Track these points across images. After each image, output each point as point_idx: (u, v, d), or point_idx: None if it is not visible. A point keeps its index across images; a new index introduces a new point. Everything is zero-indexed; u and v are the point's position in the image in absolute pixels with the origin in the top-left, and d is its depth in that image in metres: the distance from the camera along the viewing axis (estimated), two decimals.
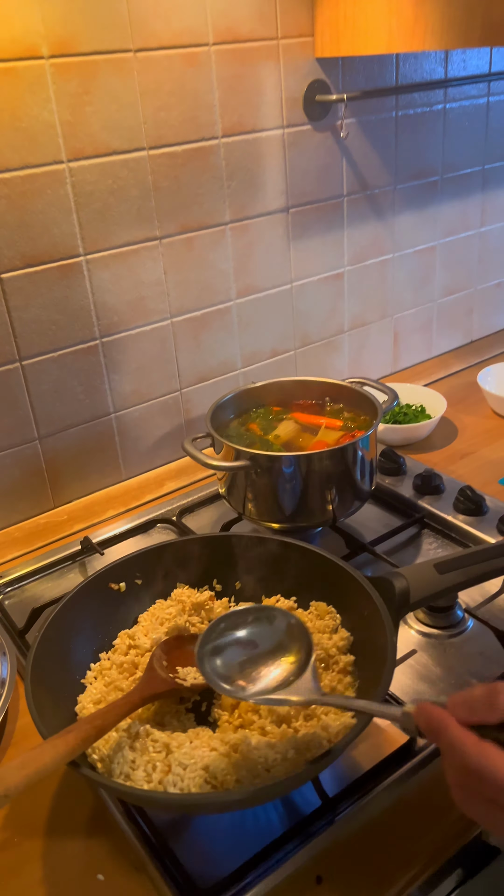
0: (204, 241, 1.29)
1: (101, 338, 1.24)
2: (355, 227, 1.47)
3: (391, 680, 0.74)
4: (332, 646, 0.86)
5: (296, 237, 1.40)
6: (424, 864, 0.73)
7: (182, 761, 0.72)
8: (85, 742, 0.68)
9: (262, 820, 0.77)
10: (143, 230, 1.22)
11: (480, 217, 1.67)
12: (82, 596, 0.90)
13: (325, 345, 1.53)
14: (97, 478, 1.33)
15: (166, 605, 0.94)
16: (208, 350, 1.37)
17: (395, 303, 1.61)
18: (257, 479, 1.09)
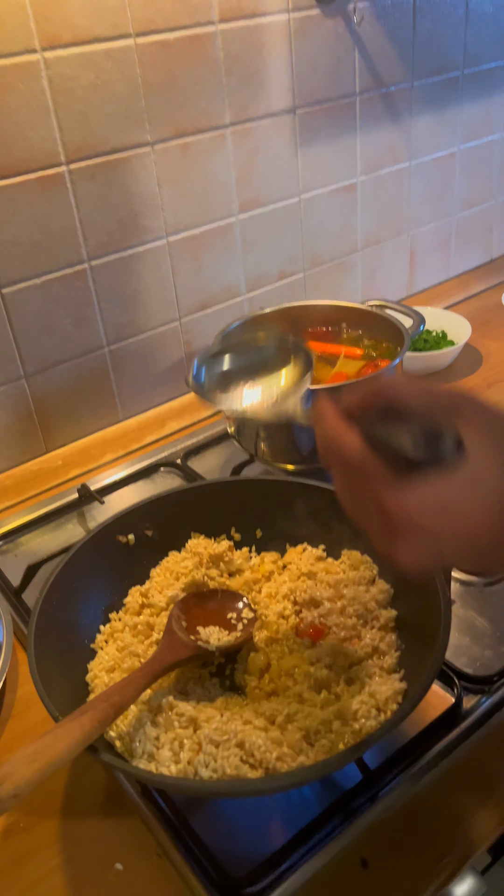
0: (201, 147, 1.14)
1: (89, 261, 1.10)
2: (369, 131, 1.32)
3: (448, 640, 0.65)
4: (370, 599, 0.77)
5: (304, 143, 1.25)
6: (480, 841, 0.65)
7: (213, 738, 0.63)
8: (102, 724, 0.59)
9: (296, 796, 0.69)
10: (132, 134, 1.07)
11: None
12: (87, 551, 0.80)
13: (336, 266, 1.40)
14: (92, 419, 1.21)
15: (181, 558, 0.84)
16: (209, 273, 1.24)
17: (411, 218, 1.47)
18: None
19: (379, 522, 0.49)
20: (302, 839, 0.64)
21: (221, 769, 0.61)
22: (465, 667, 0.78)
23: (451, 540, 0.47)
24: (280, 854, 0.63)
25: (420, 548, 0.48)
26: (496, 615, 0.85)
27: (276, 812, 0.67)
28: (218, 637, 0.75)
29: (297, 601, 0.78)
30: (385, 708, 0.66)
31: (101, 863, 0.66)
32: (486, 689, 0.76)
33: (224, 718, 0.65)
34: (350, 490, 0.52)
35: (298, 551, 0.85)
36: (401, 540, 0.47)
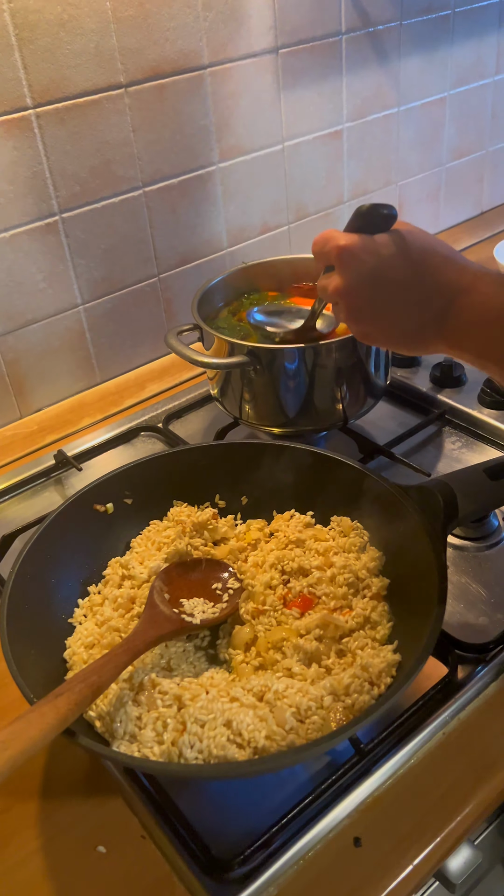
0: (178, 89, 1.07)
1: (60, 213, 1.04)
2: (355, 73, 1.25)
3: (444, 609, 0.62)
4: (361, 567, 0.74)
5: (287, 86, 1.18)
6: (477, 815, 0.63)
7: (199, 717, 0.60)
8: (79, 706, 0.55)
9: (286, 773, 0.66)
10: (104, 75, 1.00)
11: (496, 62, 1.45)
12: (63, 520, 0.76)
13: (322, 217, 1.34)
14: (68, 381, 1.16)
15: (163, 527, 0.81)
16: (189, 226, 1.18)
17: (399, 167, 1.40)
18: (256, 378, 0.93)
19: (337, 272, 0.67)
20: (292, 818, 0.61)
21: (207, 750, 0.58)
22: (459, 635, 0.75)
23: (382, 273, 0.65)
24: (270, 833, 0.60)
25: (357, 278, 0.65)
26: (490, 580, 0.82)
27: (264, 790, 0.65)
28: (203, 609, 0.71)
29: (285, 570, 0.75)
30: (378, 682, 0.63)
31: (83, 845, 0.63)
32: (481, 657, 0.73)
33: (210, 696, 0.62)
34: (326, 274, 0.70)
35: (286, 518, 0.81)
36: (345, 272, 0.66)
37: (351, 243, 0.65)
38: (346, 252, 0.65)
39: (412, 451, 1.02)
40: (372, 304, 0.66)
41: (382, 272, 0.64)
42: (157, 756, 0.59)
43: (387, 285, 0.65)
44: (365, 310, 0.67)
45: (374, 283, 0.65)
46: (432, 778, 0.65)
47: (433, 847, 0.61)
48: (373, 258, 0.64)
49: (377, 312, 0.67)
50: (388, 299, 0.65)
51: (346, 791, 0.63)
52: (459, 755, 0.66)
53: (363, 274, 0.65)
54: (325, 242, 0.67)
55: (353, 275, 0.65)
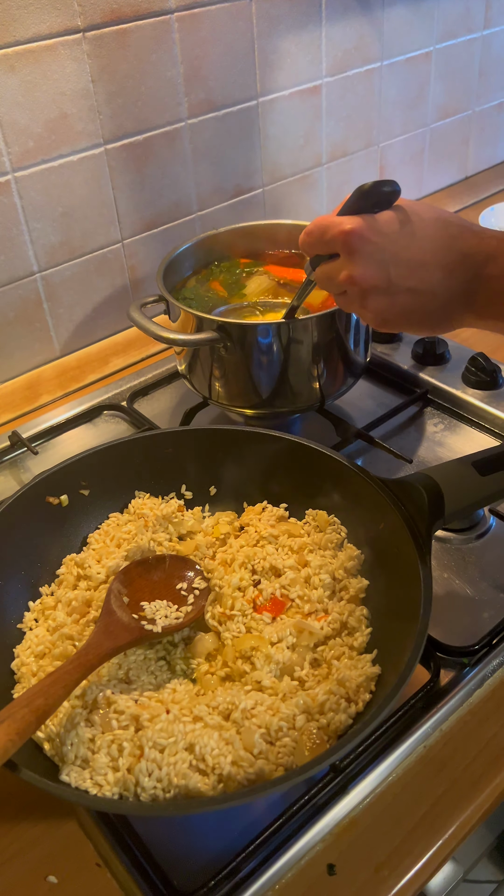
0: (143, 35, 0.98)
1: (13, 171, 0.95)
2: (336, 22, 1.16)
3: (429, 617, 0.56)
4: (338, 567, 0.68)
5: (262, 34, 1.09)
6: (462, 836, 0.59)
7: (157, 741, 0.54)
8: (21, 736, 0.49)
9: None
10: (59, 16, 0.91)
11: (485, 14, 1.36)
12: (11, 515, 0.69)
13: (299, 180, 1.25)
14: (25, 355, 1.07)
15: (123, 521, 0.74)
16: (155, 188, 1.09)
17: (381, 127, 1.32)
18: (227, 355, 0.86)
19: (343, 260, 0.60)
20: (261, 843, 0.56)
21: (167, 778, 0.52)
22: (441, 636, 0.70)
23: (396, 254, 0.59)
24: (236, 861, 0.55)
25: (372, 263, 0.59)
26: (475, 576, 0.77)
27: (231, 812, 0.59)
28: (165, 614, 0.65)
29: (256, 570, 0.69)
30: (356, 698, 0.57)
31: (32, 875, 0.57)
32: (465, 660, 0.68)
33: (170, 716, 0.56)
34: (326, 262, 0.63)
35: (257, 511, 0.75)
36: (357, 259, 0.59)
37: (358, 226, 0.59)
38: (354, 237, 0.58)
39: (392, 433, 0.96)
40: (391, 289, 0.60)
41: (399, 253, 0.59)
42: (111, 784, 0.53)
43: (406, 265, 0.59)
44: (383, 295, 0.60)
45: (392, 265, 0.59)
46: (413, 796, 0.60)
47: (413, 874, 0.56)
48: (385, 239, 0.59)
49: (397, 296, 0.60)
50: (408, 280, 0.60)
51: (319, 812, 0.58)
52: (442, 771, 0.61)
53: (377, 258, 0.59)
54: (325, 230, 0.60)
55: (367, 259, 0.59)
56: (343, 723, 0.56)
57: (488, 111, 1.50)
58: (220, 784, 0.52)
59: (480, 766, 0.62)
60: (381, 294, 0.60)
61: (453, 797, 0.60)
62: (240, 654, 0.62)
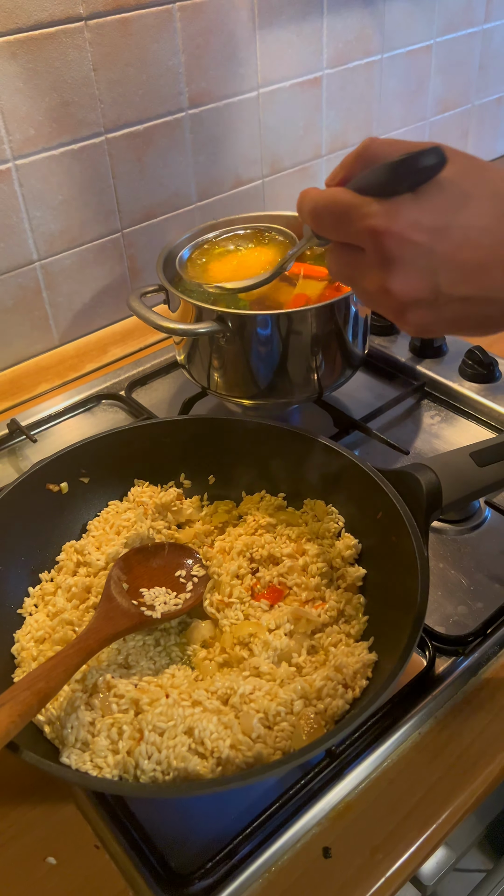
0: (145, 24, 0.98)
1: (14, 159, 0.95)
2: (338, 13, 1.16)
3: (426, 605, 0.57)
4: (335, 555, 0.69)
5: (263, 25, 1.09)
6: (455, 822, 0.59)
7: (157, 724, 0.55)
8: (23, 717, 0.50)
9: None
10: (61, 4, 0.90)
11: (486, 8, 1.36)
12: (12, 502, 0.70)
13: (298, 172, 1.25)
14: (23, 344, 1.08)
15: (122, 509, 0.75)
16: (155, 177, 1.09)
17: (381, 119, 1.32)
18: (226, 345, 0.87)
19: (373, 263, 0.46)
20: (257, 826, 0.57)
21: (166, 761, 0.53)
22: (436, 625, 0.71)
23: (447, 259, 0.45)
24: (233, 844, 0.56)
25: (415, 272, 0.45)
26: (470, 567, 0.77)
27: (228, 796, 0.60)
28: (164, 601, 0.66)
29: (254, 558, 0.70)
30: (353, 684, 0.58)
31: (31, 856, 0.58)
32: (460, 650, 0.69)
33: (170, 700, 0.57)
34: (343, 251, 0.48)
35: (255, 500, 0.76)
36: (395, 267, 0.45)
37: (394, 225, 0.44)
38: (391, 239, 0.44)
39: (389, 425, 0.97)
40: (439, 300, 0.46)
41: (451, 254, 0.45)
42: (111, 767, 0.54)
43: (459, 270, 0.45)
44: (428, 309, 0.47)
45: (442, 272, 0.45)
46: (407, 782, 0.61)
47: (407, 857, 0.57)
48: (433, 238, 0.44)
49: (446, 307, 0.47)
50: (462, 288, 0.46)
51: (315, 797, 0.59)
52: (436, 758, 0.62)
53: (422, 264, 0.45)
54: (342, 217, 0.46)
55: (408, 268, 0.45)
56: (340, 708, 0.56)
57: (488, 105, 1.50)
58: (219, 767, 0.53)
59: (474, 753, 0.62)
60: (426, 307, 0.46)
61: (448, 783, 0.61)
62: (238, 641, 0.63)
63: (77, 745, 0.55)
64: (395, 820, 0.59)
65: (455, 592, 0.75)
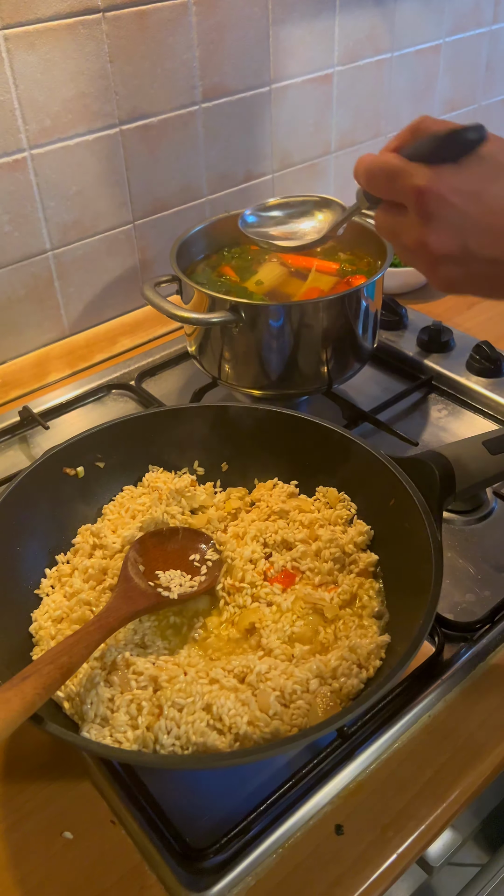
0: (161, 18, 0.99)
1: (30, 149, 0.96)
2: (349, 12, 1.17)
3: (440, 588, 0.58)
4: (347, 542, 0.70)
5: (277, 20, 1.10)
6: (463, 801, 0.61)
7: (176, 700, 0.56)
8: (47, 690, 0.51)
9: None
10: None
11: (494, 9, 1.37)
12: (30, 484, 0.70)
13: (308, 168, 1.27)
14: (35, 333, 1.08)
15: (137, 494, 0.76)
16: (167, 170, 1.10)
17: (390, 117, 1.33)
18: (238, 336, 0.88)
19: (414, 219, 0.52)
20: (271, 804, 0.58)
21: (185, 736, 0.54)
22: (445, 612, 0.72)
23: (478, 221, 0.51)
24: (247, 820, 0.57)
25: (449, 229, 0.51)
26: (478, 556, 0.79)
27: (242, 774, 0.61)
28: (180, 583, 0.67)
29: (268, 543, 0.71)
30: (367, 664, 0.59)
31: (48, 831, 0.59)
32: (468, 636, 0.70)
33: (188, 677, 0.58)
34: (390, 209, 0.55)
35: (268, 487, 0.77)
36: (432, 223, 0.51)
37: (435, 185, 0.50)
38: (431, 197, 0.50)
39: (397, 418, 0.98)
40: (468, 258, 0.52)
41: (482, 218, 0.51)
42: (130, 742, 0.55)
43: (489, 233, 0.51)
44: (457, 265, 0.53)
45: (472, 233, 0.51)
46: (417, 763, 0.62)
47: (417, 835, 0.58)
48: (467, 201, 0.50)
49: (473, 266, 0.53)
50: (490, 250, 0.52)
51: (327, 776, 0.60)
52: (445, 740, 0.63)
53: (456, 223, 0.51)
54: (393, 177, 0.52)
55: (444, 225, 0.51)
56: (355, 687, 0.58)
57: (495, 105, 1.52)
58: (237, 743, 0.54)
59: (482, 736, 0.64)
60: (455, 263, 0.53)
61: (456, 765, 0.62)
62: (252, 622, 0.64)
63: (97, 721, 0.56)
64: (405, 798, 0.60)
65: (463, 581, 0.76)
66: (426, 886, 0.82)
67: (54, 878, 0.56)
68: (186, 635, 0.66)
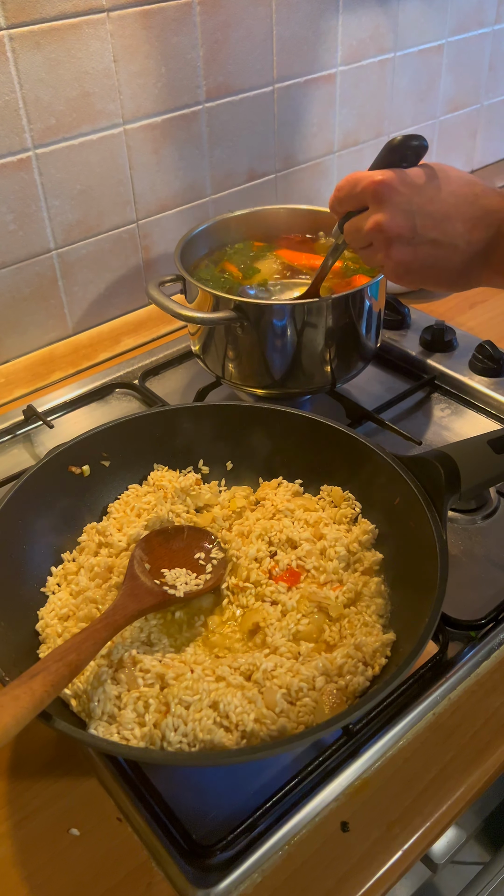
0: (166, 17, 0.99)
1: (34, 148, 0.96)
2: (353, 11, 1.17)
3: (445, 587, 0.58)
4: (352, 540, 0.70)
5: (280, 21, 1.10)
6: (468, 799, 0.61)
7: (183, 698, 0.56)
8: (56, 688, 0.51)
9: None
10: None
11: (497, 9, 1.38)
12: (35, 483, 0.71)
13: (311, 167, 1.27)
14: (38, 332, 1.09)
15: (142, 492, 0.76)
16: (171, 169, 1.10)
17: (393, 117, 1.34)
18: (242, 335, 0.88)
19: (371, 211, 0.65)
20: (277, 801, 0.58)
21: (193, 733, 0.54)
22: (449, 610, 0.72)
23: (421, 207, 0.63)
24: (253, 817, 0.57)
25: (398, 212, 0.63)
26: (481, 555, 0.79)
27: (248, 771, 0.61)
28: (185, 581, 0.67)
29: (273, 541, 0.71)
30: (372, 662, 0.60)
31: (55, 828, 0.59)
32: (472, 634, 0.70)
33: (195, 675, 0.58)
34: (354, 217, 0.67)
35: (273, 486, 0.77)
36: (385, 207, 0.63)
37: (388, 177, 0.63)
38: (384, 186, 0.62)
39: (400, 417, 0.98)
40: (415, 239, 0.63)
41: (425, 204, 0.63)
42: (138, 739, 0.55)
43: (431, 217, 0.63)
44: (406, 245, 0.64)
45: (418, 216, 0.63)
46: (422, 761, 0.62)
47: (422, 832, 0.59)
48: (413, 190, 0.62)
49: (420, 247, 0.64)
50: (432, 231, 0.63)
51: (333, 774, 0.60)
52: (450, 738, 0.64)
53: (405, 207, 0.62)
54: (355, 183, 0.65)
55: (394, 209, 0.63)
56: (361, 685, 0.58)
57: (497, 105, 1.52)
58: (244, 740, 0.54)
59: (487, 734, 0.64)
60: (405, 244, 0.63)
61: (461, 762, 0.62)
62: (258, 621, 0.64)
63: (104, 718, 0.56)
64: (410, 796, 0.60)
65: (467, 579, 0.77)
66: (430, 884, 0.83)
67: (61, 875, 0.56)
68: (191, 633, 0.66)
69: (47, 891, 0.56)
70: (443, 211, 0.63)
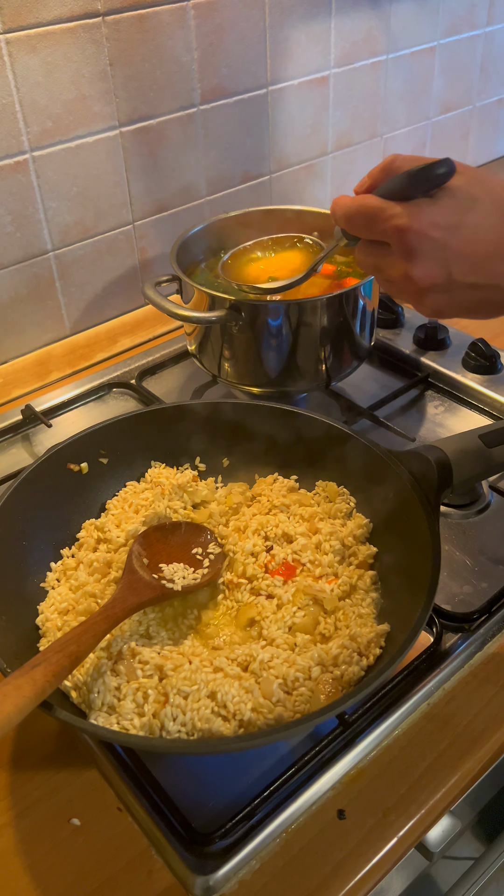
0: (160, 21, 1.00)
1: (31, 151, 0.97)
2: (346, 14, 1.19)
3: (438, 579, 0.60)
4: (347, 534, 0.71)
5: (274, 24, 1.11)
6: (462, 787, 0.62)
7: (182, 688, 0.57)
8: (57, 678, 0.52)
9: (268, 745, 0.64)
10: (80, 0, 0.92)
11: (488, 11, 1.39)
12: (35, 480, 0.72)
13: (305, 168, 1.28)
14: (36, 332, 1.10)
15: (140, 489, 0.77)
16: (167, 171, 1.11)
17: (386, 119, 1.35)
18: (238, 334, 0.89)
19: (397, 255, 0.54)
20: (275, 790, 0.60)
21: (191, 722, 0.55)
22: (443, 603, 0.73)
23: (458, 251, 0.53)
24: (251, 806, 0.58)
25: (432, 262, 0.53)
26: (475, 549, 0.80)
27: (246, 761, 0.62)
28: (183, 575, 0.68)
29: (269, 536, 0.72)
30: (367, 652, 0.61)
31: (56, 818, 0.60)
32: (466, 626, 0.72)
33: (193, 666, 0.59)
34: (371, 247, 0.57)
35: (269, 482, 0.78)
36: (416, 258, 0.53)
37: (415, 223, 0.52)
38: (412, 235, 0.53)
39: (394, 414, 0.99)
40: (451, 286, 0.54)
41: (462, 248, 0.53)
42: (137, 729, 0.56)
43: (469, 261, 0.54)
44: (442, 293, 0.55)
45: (454, 263, 0.53)
46: (417, 749, 0.63)
47: (418, 819, 0.60)
48: (446, 234, 0.53)
49: (457, 293, 0.55)
50: (471, 276, 0.54)
51: (329, 763, 0.62)
52: (444, 727, 0.65)
53: (438, 255, 0.53)
54: (372, 219, 0.54)
55: (426, 258, 0.53)
56: (356, 674, 0.59)
57: (489, 106, 1.54)
58: (241, 729, 0.56)
59: (481, 723, 0.65)
60: (440, 292, 0.55)
61: (455, 751, 0.64)
62: (255, 613, 0.66)
63: (104, 709, 0.57)
64: (406, 784, 0.61)
65: (460, 573, 0.78)
66: (426, 875, 0.84)
67: (63, 864, 0.57)
68: (189, 627, 0.67)
69: (49, 880, 0.57)
70: (483, 252, 0.53)
